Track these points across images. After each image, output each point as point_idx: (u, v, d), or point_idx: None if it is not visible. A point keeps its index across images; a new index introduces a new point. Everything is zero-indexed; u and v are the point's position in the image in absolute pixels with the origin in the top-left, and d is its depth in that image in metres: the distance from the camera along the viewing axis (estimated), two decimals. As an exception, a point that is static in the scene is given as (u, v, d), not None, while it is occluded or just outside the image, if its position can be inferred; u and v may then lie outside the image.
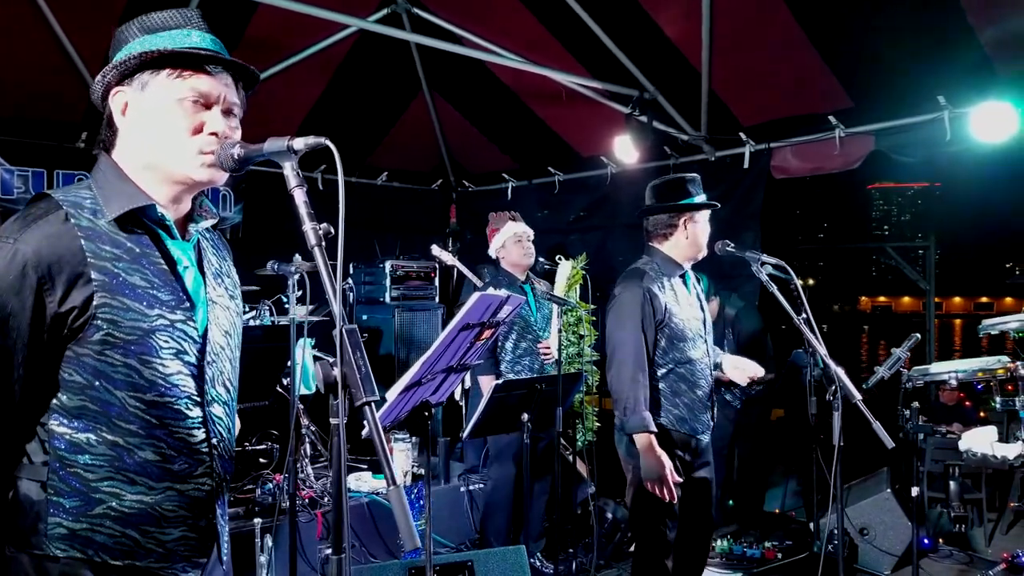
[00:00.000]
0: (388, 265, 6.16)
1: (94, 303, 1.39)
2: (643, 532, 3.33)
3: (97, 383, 1.41)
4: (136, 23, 1.52)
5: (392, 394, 2.29)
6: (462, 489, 5.03)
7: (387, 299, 6.14)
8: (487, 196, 7.49)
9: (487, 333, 2.51)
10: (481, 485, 4.98)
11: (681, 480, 3.22)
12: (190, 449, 1.51)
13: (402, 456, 4.88)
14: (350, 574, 1.28)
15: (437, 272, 6.54)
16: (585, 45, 5.29)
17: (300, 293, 3.96)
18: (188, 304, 1.53)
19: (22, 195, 5.49)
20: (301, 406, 4.96)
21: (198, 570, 1.56)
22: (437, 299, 6.57)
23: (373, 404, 1.28)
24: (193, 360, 1.53)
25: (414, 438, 5.14)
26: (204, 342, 1.55)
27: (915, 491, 3.59)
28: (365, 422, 1.27)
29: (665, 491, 3.10)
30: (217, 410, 1.58)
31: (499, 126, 6.78)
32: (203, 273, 1.61)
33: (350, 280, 5.99)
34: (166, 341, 1.48)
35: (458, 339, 2.36)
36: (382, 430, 1.27)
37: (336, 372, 1.30)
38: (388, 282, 6.19)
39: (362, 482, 4.86)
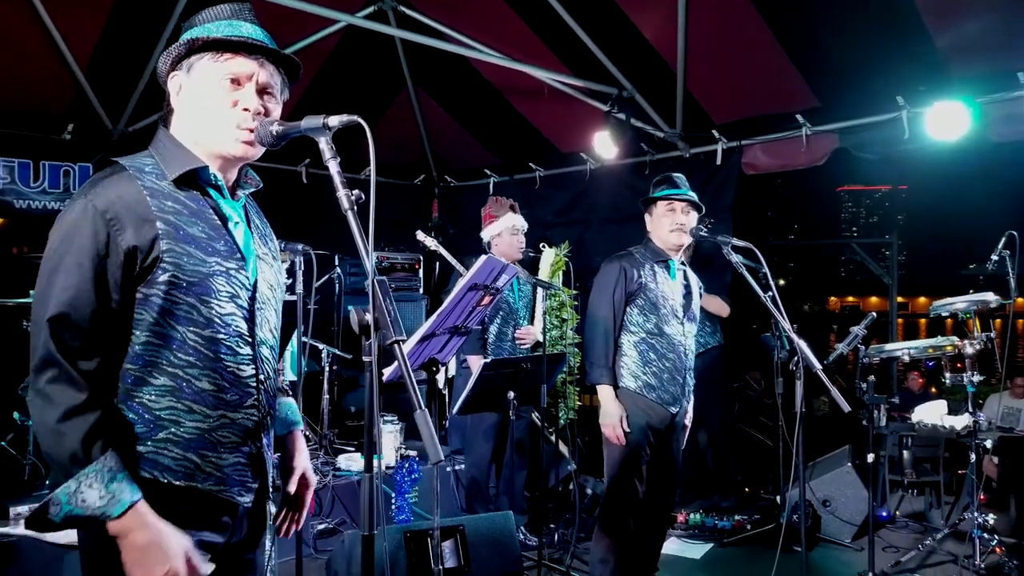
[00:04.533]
0: (374, 257, 6.34)
1: (161, 247, 1.60)
2: (614, 485, 3.65)
3: (162, 319, 1.61)
4: (198, 17, 1.75)
5: (411, 343, 2.52)
6: (448, 469, 5.24)
7: (373, 289, 6.32)
8: (469, 191, 7.70)
9: (487, 300, 2.74)
10: (462, 466, 5.19)
11: (648, 447, 3.63)
12: (240, 382, 1.72)
13: (391, 438, 5.09)
14: (379, 491, 1.49)
15: (421, 264, 6.74)
16: (566, 44, 5.52)
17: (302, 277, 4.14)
18: (240, 255, 1.74)
19: (8, 185, 5.61)
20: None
21: (251, 494, 1.77)
22: (421, 290, 6.78)
23: (400, 343, 1.50)
24: (245, 304, 1.73)
25: (401, 423, 5.35)
26: (254, 290, 1.76)
27: (870, 457, 3.87)
28: (396, 358, 1.49)
29: (616, 436, 3.57)
30: (265, 351, 1.79)
31: (481, 122, 6.99)
32: (251, 231, 1.82)
33: (338, 270, 6.17)
34: (222, 285, 1.68)
35: (466, 298, 2.59)
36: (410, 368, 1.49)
37: (369, 317, 1.51)
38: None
39: (353, 462, 5.07)
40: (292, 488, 2.02)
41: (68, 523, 1.52)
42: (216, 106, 1.69)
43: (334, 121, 1.61)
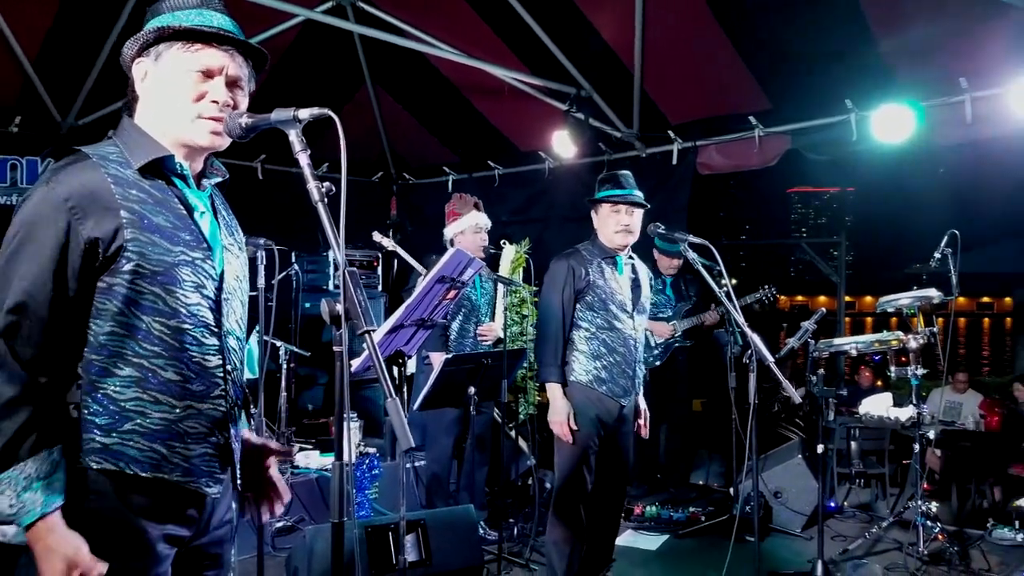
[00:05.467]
0: (332, 254, 6.31)
1: (125, 236, 1.58)
2: (564, 476, 3.71)
3: (127, 309, 1.60)
4: (165, 3, 1.72)
5: (380, 333, 2.54)
6: (407, 466, 5.24)
7: (331, 287, 6.31)
8: (428, 189, 7.70)
9: (452, 294, 2.78)
10: (423, 462, 5.20)
11: (597, 439, 3.71)
12: (207, 372, 1.71)
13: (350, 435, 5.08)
14: (350, 476, 1.52)
15: (380, 261, 6.74)
16: (525, 43, 5.57)
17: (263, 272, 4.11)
18: (206, 246, 1.73)
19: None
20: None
21: (219, 485, 1.77)
22: (380, 287, 6.77)
23: (371, 332, 1.53)
24: (211, 295, 1.72)
25: (360, 420, 5.35)
26: (221, 281, 1.75)
27: (820, 448, 3.99)
28: (365, 346, 1.52)
29: (563, 433, 3.64)
30: (232, 342, 1.79)
31: (440, 120, 7.00)
32: (217, 221, 1.81)
33: (295, 266, 6.13)
34: (188, 275, 1.67)
35: (433, 290, 2.62)
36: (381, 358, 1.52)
37: (340, 307, 1.53)
38: (332, 270, 6.36)
39: (311, 460, 5.06)
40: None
41: None
42: (185, 97, 1.68)
43: (304, 114, 1.61)
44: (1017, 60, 4.27)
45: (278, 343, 5.43)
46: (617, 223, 3.73)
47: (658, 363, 5.71)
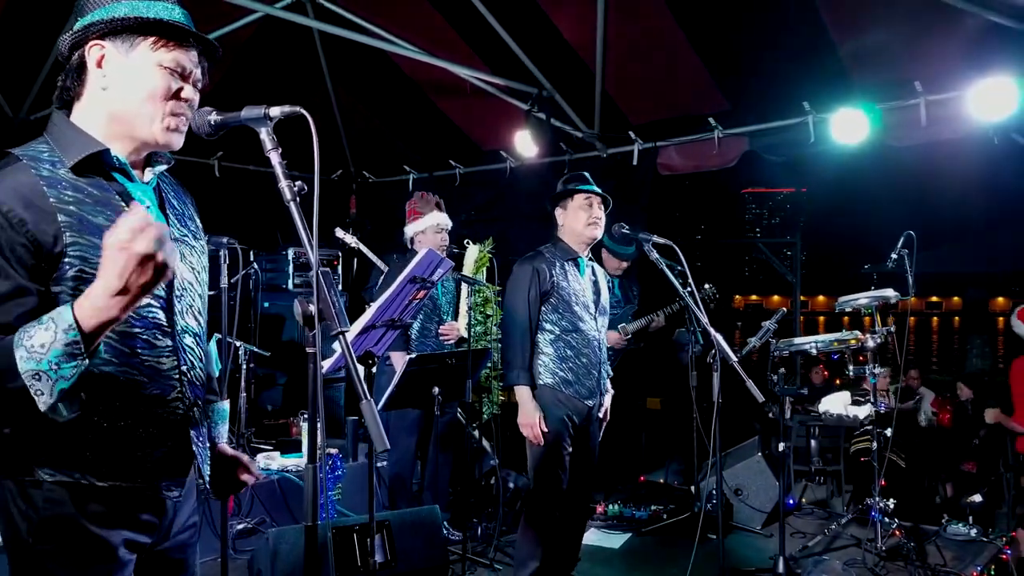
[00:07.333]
0: (291, 252, 6.24)
1: (65, 241, 1.51)
2: (539, 478, 3.71)
3: None
4: None
5: (352, 333, 2.51)
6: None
7: (290, 286, 6.22)
8: (388, 187, 7.65)
9: (421, 294, 2.76)
10: (386, 463, 5.16)
11: (569, 439, 3.71)
12: (161, 375, 1.64)
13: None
14: (319, 479, 1.49)
15: (340, 260, 6.66)
16: (487, 42, 5.56)
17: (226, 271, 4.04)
18: None
19: None
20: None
21: (180, 489, 1.72)
22: (340, 287, 6.69)
23: (345, 334, 1.50)
24: (162, 294, 1.66)
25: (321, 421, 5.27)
26: (172, 278, 1.65)
27: (781, 446, 4.06)
28: (337, 346, 1.49)
29: (534, 435, 3.64)
30: (188, 340, 1.72)
31: (401, 118, 6.96)
32: (165, 214, 1.73)
33: (254, 265, 6.03)
34: None
35: (404, 291, 2.60)
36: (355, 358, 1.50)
37: (313, 308, 1.50)
38: (291, 269, 6.27)
39: (272, 461, 4.98)
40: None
41: (68, 377, 1.40)
42: (158, 93, 1.62)
43: (276, 112, 1.58)
44: (971, 64, 4.39)
45: (237, 343, 5.34)
46: (590, 216, 3.77)
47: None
